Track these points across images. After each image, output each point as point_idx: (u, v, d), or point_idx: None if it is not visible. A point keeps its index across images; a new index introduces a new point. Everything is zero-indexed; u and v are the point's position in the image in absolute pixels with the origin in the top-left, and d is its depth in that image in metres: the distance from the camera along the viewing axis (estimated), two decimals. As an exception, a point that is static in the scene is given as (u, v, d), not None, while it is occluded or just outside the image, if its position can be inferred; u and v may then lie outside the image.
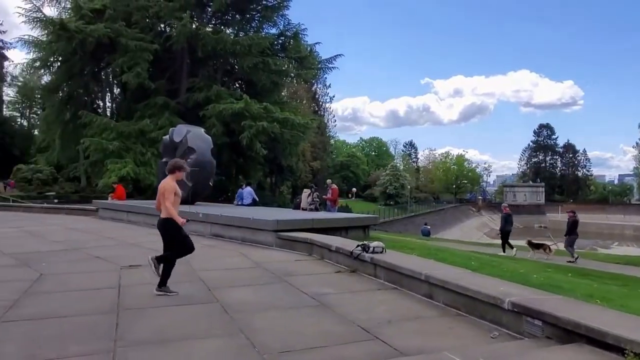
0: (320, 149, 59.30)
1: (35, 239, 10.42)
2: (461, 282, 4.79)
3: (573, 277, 9.68)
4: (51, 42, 28.77)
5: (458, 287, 4.75)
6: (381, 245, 6.84)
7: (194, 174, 13.97)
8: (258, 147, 29.57)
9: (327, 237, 8.50)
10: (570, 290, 6.44)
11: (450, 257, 8.47)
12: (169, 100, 31.16)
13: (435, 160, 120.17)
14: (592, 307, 4.21)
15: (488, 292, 4.38)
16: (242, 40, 30.33)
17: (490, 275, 6.83)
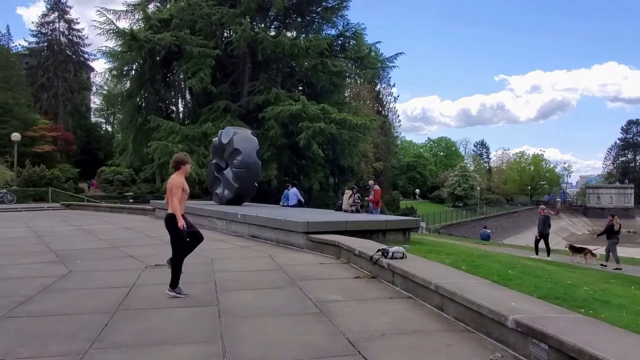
0: (384, 150, 58.44)
1: (84, 237, 11.01)
2: (467, 295, 4.32)
3: (627, 287, 8.63)
4: (123, 52, 30.62)
5: (464, 300, 4.30)
6: (401, 250, 6.44)
7: (240, 174, 14.19)
8: (315, 148, 29.66)
9: (354, 240, 8.20)
10: (618, 308, 5.69)
11: (488, 264, 7.83)
12: (230, 104, 32.07)
13: (509, 160, 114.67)
14: (613, 331, 3.59)
15: (492, 307, 3.90)
16: (300, 43, 30.56)
17: (526, 285, 6.24)
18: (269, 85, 32.55)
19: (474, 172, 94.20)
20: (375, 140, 53.83)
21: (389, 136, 62.05)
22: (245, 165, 14.09)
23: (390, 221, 10.43)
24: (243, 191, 14.44)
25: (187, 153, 22.75)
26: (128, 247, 9.53)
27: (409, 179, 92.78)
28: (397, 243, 10.29)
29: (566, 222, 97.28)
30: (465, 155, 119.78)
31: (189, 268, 7.15)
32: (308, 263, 7.83)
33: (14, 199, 23.33)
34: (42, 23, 53.78)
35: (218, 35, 31.06)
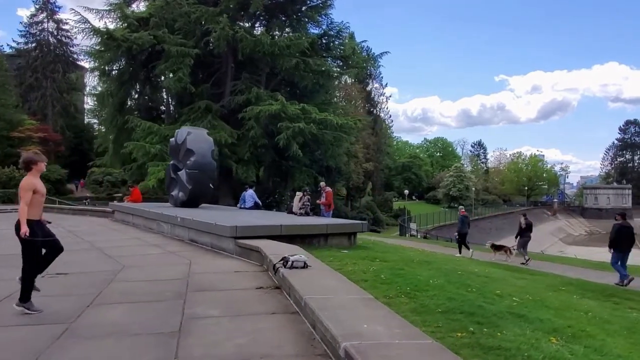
0: (375, 150, 57.88)
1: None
2: (324, 313, 3.82)
3: (585, 298, 8.09)
4: (101, 51, 30.15)
5: (318, 320, 3.79)
6: (302, 259, 5.94)
7: (193, 175, 13.71)
8: (295, 149, 29.15)
9: (278, 246, 7.69)
10: (529, 324, 5.18)
11: (414, 274, 7.30)
12: (211, 104, 31.57)
13: (506, 160, 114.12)
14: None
15: (334, 331, 3.41)
16: (280, 42, 30.06)
17: (438, 297, 5.74)
18: (250, 85, 32.05)
19: (470, 173, 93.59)
20: (366, 141, 53.32)
21: (381, 136, 61.44)
22: (198, 166, 13.61)
23: (331, 225, 9.93)
24: (198, 193, 13.95)
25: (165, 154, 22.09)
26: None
27: (405, 179, 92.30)
28: (341, 248, 9.83)
29: (563, 222, 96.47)
30: (462, 156, 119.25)
31: (88, 277, 6.70)
32: (224, 271, 7.34)
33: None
34: (30, 23, 53.45)
35: (198, 35, 30.50)
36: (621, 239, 12.17)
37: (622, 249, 12.13)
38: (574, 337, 4.96)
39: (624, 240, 12.15)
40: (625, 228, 12.39)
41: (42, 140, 45.63)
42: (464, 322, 4.80)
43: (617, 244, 12.18)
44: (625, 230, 12.33)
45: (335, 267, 7.41)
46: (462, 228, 16.85)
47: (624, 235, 12.23)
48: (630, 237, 12.29)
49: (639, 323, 6.53)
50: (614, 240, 12.32)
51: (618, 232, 12.32)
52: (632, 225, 12.77)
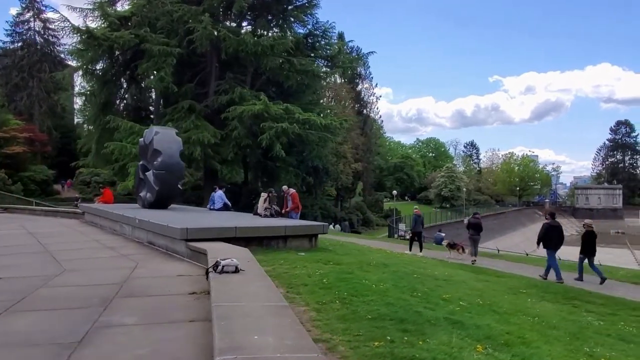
0: (365, 151, 57.70)
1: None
2: (219, 322, 3.59)
3: (544, 301, 7.90)
4: (82, 50, 29.80)
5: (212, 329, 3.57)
6: (234, 263, 5.71)
7: (160, 176, 13.46)
8: (278, 149, 28.92)
9: (224, 248, 7.46)
10: (463, 330, 4.98)
11: (360, 277, 7.09)
12: (194, 104, 31.31)
13: (499, 161, 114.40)
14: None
15: (215, 340, 3.18)
16: (264, 41, 29.81)
17: (376, 302, 5.54)
18: (235, 84, 31.79)
19: (462, 173, 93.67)
20: (355, 141, 53.18)
21: (371, 137, 61.26)
22: (166, 166, 13.35)
23: (290, 227, 9.71)
24: (165, 194, 13.69)
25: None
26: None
27: (397, 180, 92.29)
28: (300, 250, 9.61)
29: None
30: (455, 156, 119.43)
31: (20, 282, 6.47)
32: (166, 275, 7.10)
33: (-48, 201, 22.54)
34: (16, 22, 53.00)
35: (181, 34, 30.21)
36: (549, 237, 12.66)
37: (551, 247, 12.61)
38: (506, 344, 4.77)
39: (552, 239, 12.61)
40: (553, 227, 12.86)
41: (27, 141, 45.17)
42: (389, 330, 4.60)
43: (546, 242, 12.69)
44: (553, 229, 12.80)
45: (282, 271, 7.23)
46: (416, 227, 17.37)
47: (552, 234, 12.70)
48: (558, 236, 12.74)
49: (587, 328, 6.36)
50: (542, 238, 12.82)
51: (546, 231, 12.78)
52: (560, 225, 13.30)
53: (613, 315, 7.86)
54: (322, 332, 4.42)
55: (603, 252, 66.91)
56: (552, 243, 12.57)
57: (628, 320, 7.56)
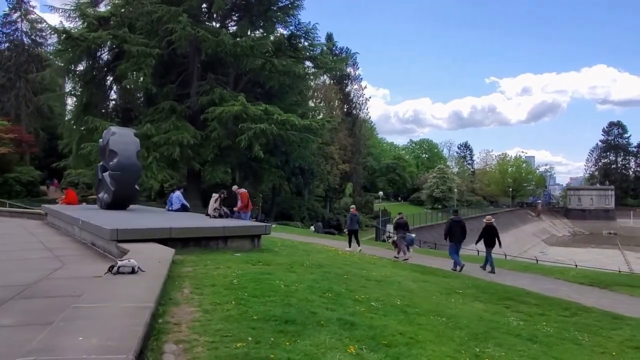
0: (353, 152, 57.66)
1: None
2: (59, 324, 3.55)
3: (477, 301, 7.83)
4: (61, 51, 29.74)
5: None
6: (132, 264, 5.65)
7: (116, 177, 13.40)
8: (257, 149, 28.85)
9: (148, 250, 7.40)
10: (318, 331, 4.94)
11: (283, 277, 7.05)
12: (175, 104, 31.24)
13: (492, 162, 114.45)
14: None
15: (35, 342, 3.14)
16: (243, 42, 29.74)
17: (272, 304, 5.49)
18: (216, 85, 31.73)
19: (454, 174, 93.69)
20: (342, 142, 53.13)
21: (360, 138, 61.22)
22: (121, 167, 13.30)
23: (229, 227, 9.66)
24: (122, 194, 13.63)
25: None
26: None
27: (389, 180, 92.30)
28: (240, 250, 9.57)
29: (547, 223, 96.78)
30: (448, 158, 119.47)
31: None
32: (84, 276, 7.00)
33: None
34: (3, 23, 52.74)
35: (160, 34, 30.12)
36: (452, 232, 14.28)
37: (454, 240, 14.21)
38: (388, 345, 4.74)
39: (455, 233, 14.20)
40: (456, 223, 14.45)
41: (15, 142, 45.02)
42: (265, 331, 4.56)
43: (450, 236, 14.31)
44: (456, 225, 14.39)
45: (201, 272, 7.19)
46: (352, 225, 18.11)
47: (454, 229, 14.29)
48: (460, 231, 14.27)
49: (498, 329, 6.31)
50: (447, 233, 14.54)
51: (450, 226, 14.51)
52: (462, 220, 14.80)
53: (541, 315, 7.82)
54: (192, 333, 4.38)
55: (594, 253, 66.88)
56: (455, 237, 14.11)
57: (552, 320, 7.53)
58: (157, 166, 29.17)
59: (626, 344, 6.48)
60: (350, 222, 18.37)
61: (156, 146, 29.56)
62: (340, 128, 53.42)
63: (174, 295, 5.69)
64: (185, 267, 7.43)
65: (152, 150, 29.75)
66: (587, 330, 7.02)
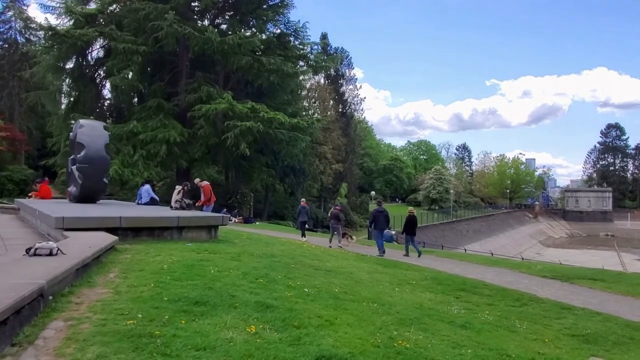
0: (347, 152, 57.53)
1: None
2: None
3: (427, 291, 7.69)
4: (47, 48, 29.71)
5: None
6: (48, 246, 5.54)
7: (83, 170, 13.31)
8: (243, 148, 28.76)
9: (88, 238, 7.30)
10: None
11: (218, 264, 6.95)
12: (162, 102, 31.19)
13: (491, 163, 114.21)
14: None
15: None
16: (230, 40, 29.63)
17: (190, 288, 5.38)
18: (204, 83, 31.66)
19: (452, 176, 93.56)
20: (336, 142, 53.02)
21: (355, 138, 61.07)
22: (89, 160, 13.18)
23: (184, 218, 9.56)
24: (90, 187, 13.51)
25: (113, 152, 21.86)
26: None
27: (386, 181, 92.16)
28: (196, 241, 9.48)
29: (544, 225, 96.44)
30: (446, 159, 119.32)
31: None
32: (7, 261, 6.95)
33: None
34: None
35: (148, 32, 30.06)
36: (377, 220, 16.05)
37: (378, 227, 16.04)
38: (297, 327, 4.65)
39: (379, 222, 15.97)
40: (380, 212, 16.22)
41: (7, 140, 45.05)
42: (168, 311, 4.47)
43: (375, 224, 16.17)
44: (379, 214, 16.12)
45: (139, 258, 7.09)
46: (302, 217, 19.46)
47: (378, 218, 16.01)
48: (384, 220, 16.09)
49: (431, 316, 6.19)
50: (372, 221, 16.46)
51: (374, 215, 16.34)
52: (386, 210, 16.63)
53: (488, 305, 7.71)
54: (89, 312, 4.27)
55: (590, 254, 66.42)
56: (379, 225, 15.92)
57: (498, 310, 7.41)
58: (144, 164, 29.09)
59: (564, 331, 6.36)
60: (299, 215, 19.74)
61: (143, 144, 29.50)
62: (333, 128, 53.36)
63: (95, 278, 5.59)
64: (125, 254, 7.32)
65: (138, 147, 29.72)
66: (529, 319, 6.91)
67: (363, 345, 4.44)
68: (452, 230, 67.85)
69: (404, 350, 4.50)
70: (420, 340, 4.94)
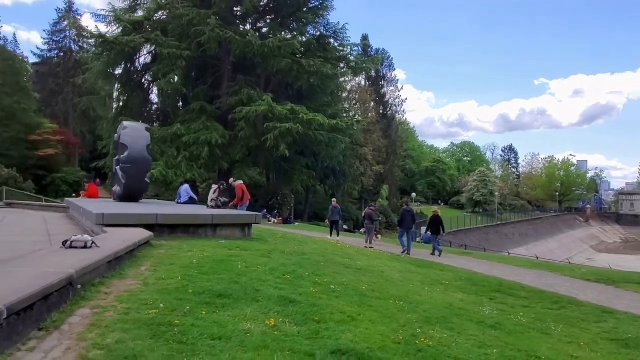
0: (389, 153, 57.02)
1: None
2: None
3: (459, 292, 7.53)
4: (97, 54, 31.13)
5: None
6: (84, 239, 5.79)
7: (126, 170, 13.84)
8: (283, 149, 29.05)
9: (126, 233, 7.58)
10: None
11: (247, 259, 7.04)
12: (206, 105, 31.98)
13: (539, 165, 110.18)
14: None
15: None
16: (270, 42, 30.04)
17: (216, 281, 5.48)
18: (245, 86, 32.23)
19: (496, 178, 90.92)
20: (377, 144, 52.68)
21: (396, 140, 60.42)
22: (131, 160, 13.70)
23: (218, 216, 9.76)
24: (133, 186, 14.03)
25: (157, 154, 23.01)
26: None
27: (428, 184, 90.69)
28: (229, 238, 9.65)
29: (597, 229, 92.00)
30: (491, 161, 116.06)
31: None
32: (47, 253, 7.31)
33: (-35, 197, 23.98)
34: (53, 31, 55.81)
35: (191, 37, 30.94)
36: (403, 219, 16.56)
37: (403, 226, 16.54)
38: (318, 321, 4.63)
39: (405, 221, 16.48)
40: (407, 212, 16.94)
41: (62, 143, 47.61)
42: (189, 302, 4.58)
43: (401, 223, 16.73)
44: (407, 213, 16.78)
45: (172, 253, 7.29)
46: (332, 217, 20.01)
47: (405, 217, 16.56)
48: (410, 219, 16.68)
49: (460, 315, 6.03)
50: (400, 220, 17.04)
51: (402, 214, 16.90)
52: (412, 210, 17.47)
53: (524, 307, 7.42)
54: (115, 301, 4.43)
55: (634, 260, 62.51)
56: (405, 224, 16.42)
57: (533, 312, 7.12)
58: (187, 165, 29.92)
59: (603, 335, 6.04)
60: (331, 214, 20.11)
61: (186, 146, 30.33)
62: (374, 129, 53.05)
63: (127, 271, 5.79)
64: (159, 250, 7.55)
65: (182, 149, 30.59)
66: (566, 322, 6.60)
67: (383, 342, 4.38)
68: (496, 234, 65.93)
69: (425, 348, 4.41)
70: (445, 339, 4.82)
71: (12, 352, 3.14)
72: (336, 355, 3.82)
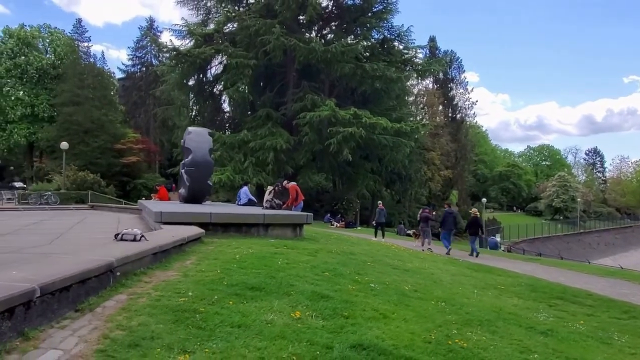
0: (457, 157, 55.26)
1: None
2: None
3: (514, 297, 7.14)
4: (171, 67, 33.06)
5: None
6: (133, 233, 6.13)
7: (190, 173, 14.51)
8: (346, 153, 29.14)
9: (181, 229, 7.95)
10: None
11: (290, 257, 7.10)
12: (271, 112, 32.91)
13: (628, 169, 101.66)
14: None
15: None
16: (333, 48, 30.37)
17: (263, 275, 5.59)
18: (310, 92, 32.79)
19: (579, 183, 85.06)
20: (445, 148, 51.26)
21: (465, 144, 58.42)
22: (195, 163, 14.34)
23: (269, 215, 9.94)
24: (197, 189, 14.68)
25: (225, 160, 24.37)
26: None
27: (502, 189, 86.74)
28: (280, 237, 9.82)
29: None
30: (573, 165, 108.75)
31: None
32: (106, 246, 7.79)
33: (57, 200, 26.20)
34: (137, 48, 60.04)
35: (258, 46, 32.02)
36: (445, 221, 17.06)
37: (446, 228, 16.85)
38: (347, 317, 4.59)
39: (447, 223, 16.93)
40: (449, 214, 17.33)
41: (144, 151, 51.03)
42: (219, 292, 4.69)
43: (442, 225, 17.20)
44: (449, 215, 17.22)
45: (220, 249, 7.53)
46: (379, 219, 20.64)
47: (447, 219, 17.03)
48: (452, 221, 17.14)
49: (508, 320, 5.67)
50: (441, 222, 17.46)
51: (444, 216, 17.34)
52: (454, 212, 18.13)
53: (587, 316, 6.83)
54: (151, 289, 4.63)
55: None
56: (447, 226, 16.84)
57: (596, 320, 6.53)
58: (254, 170, 30.87)
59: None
60: (378, 216, 20.84)
61: (252, 151, 31.35)
62: (442, 133, 51.71)
63: (172, 263, 6.05)
64: (208, 246, 7.82)
65: (248, 155, 31.65)
66: (632, 332, 5.99)
67: (412, 340, 4.23)
68: (578, 243, 61.49)
69: (457, 349, 4.19)
70: (482, 342, 4.56)
71: (45, 329, 3.38)
72: (356, 349, 3.74)
